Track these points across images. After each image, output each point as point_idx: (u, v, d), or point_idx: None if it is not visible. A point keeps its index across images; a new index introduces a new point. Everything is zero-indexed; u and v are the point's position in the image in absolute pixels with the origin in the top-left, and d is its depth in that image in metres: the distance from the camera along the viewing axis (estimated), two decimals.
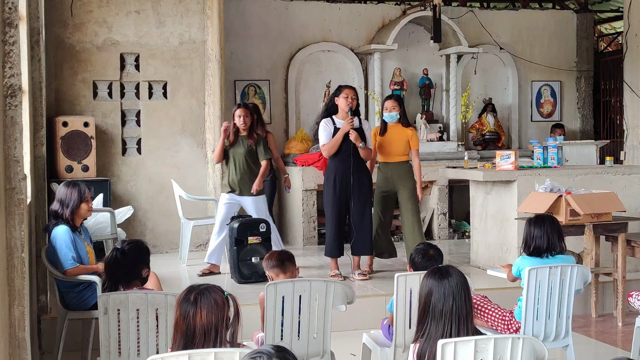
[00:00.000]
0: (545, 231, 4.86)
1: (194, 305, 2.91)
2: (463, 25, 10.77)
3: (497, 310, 4.96)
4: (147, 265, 4.36)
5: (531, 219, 4.97)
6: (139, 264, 4.31)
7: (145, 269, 4.33)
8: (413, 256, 4.64)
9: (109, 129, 8.91)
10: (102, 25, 8.86)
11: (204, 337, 2.88)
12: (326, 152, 7.17)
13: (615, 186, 7.37)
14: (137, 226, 8.92)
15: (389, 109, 7.42)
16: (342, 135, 7.04)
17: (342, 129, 7.03)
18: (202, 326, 2.89)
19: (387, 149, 7.42)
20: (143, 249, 4.40)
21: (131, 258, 4.30)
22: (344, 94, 7.13)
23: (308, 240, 9.51)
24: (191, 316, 2.90)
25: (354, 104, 7.11)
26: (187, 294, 2.97)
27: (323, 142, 7.15)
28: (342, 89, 7.21)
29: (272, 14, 10.33)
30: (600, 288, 6.86)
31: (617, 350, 5.82)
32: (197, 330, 2.89)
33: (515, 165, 7.41)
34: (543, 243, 4.85)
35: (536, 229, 4.88)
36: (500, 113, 11.28)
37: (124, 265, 4.27)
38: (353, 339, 5.56)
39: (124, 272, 4.27)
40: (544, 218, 4.95)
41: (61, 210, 5.35)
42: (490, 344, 3.07)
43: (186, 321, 2.90)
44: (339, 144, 7.07)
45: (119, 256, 4.28)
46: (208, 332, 2.89)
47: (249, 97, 10.23)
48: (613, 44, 13.55)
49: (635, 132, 10.42)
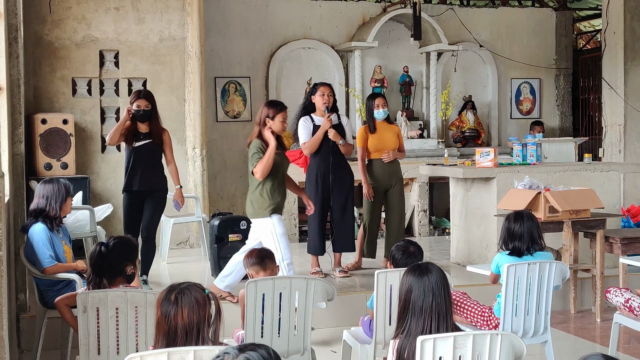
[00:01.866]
0: (525, 229, 4.88)
1: (175, 305, 2.89)
2: (443, 22, 10.81)
3: (477, 307, 4.98)
4: (132, 262, 4.31)
5: (510, 217, 4.98)
6: (123, 261, 4.26)
7: (129, 266, 4.29)
8: (393, 253, 4.66)
9: (88, 126, 8.86)
10: (81, 22, 8.81)
11: (186, 336, 2.87)
12: (307, 151, 7.16)
13: (593, 183, 7.42)
14: (116, 224, 8.87)
15: (379, 105, 7.46)
16: (322, 133, 7.04)
17: (322, 126, 7.03)
18: (183, 325, 2.88)
19: (382, 146, 7.44)
20: (128, 246, 4.35)
21: (115, 253, 4.25)
22: (320, 91, 7.11)
23: (289, 238, 9.46)
24: (172, 316, 2.88)
25: (330, 100, 7.12)
26: (168, 293, 2.96)
27: (303, 141, 7.15)
28: (318, 86, 7.19)
29: (253, 10, 10.32)
30: (578, 284, 6.91)
31: (595, 346, 5.87)
32: (179, 330, 2.88)
33: (495, 163, 7.45)
34: (523, 243, 4.87)
35: (516, 227, 4.89)
36: (480, 110, 11.33)
37: (107, 261, 4.23)
38: (334, 336, 5.58)
39: (108, 268, 4.23)
40: (523, 215, 4.96)
41: (49, 207, 5.32)
42: (469, 340, 3.09)
43: (167, 321, 2.89)
44: (319, 141, 7.07)
45: (103, 250, 4.25)
46: (190, 331, 2.88)
47: (230, 94, 10.22)
48: (592, 41, 13.65)
49: (614, 129, 10.51)
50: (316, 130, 7.07)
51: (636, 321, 5.10)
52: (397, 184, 7.55)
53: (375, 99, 7.55)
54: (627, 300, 5.15)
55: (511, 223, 4.91)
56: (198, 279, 7.02)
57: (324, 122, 7.01)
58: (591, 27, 13.80)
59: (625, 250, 6.52)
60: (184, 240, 9.15)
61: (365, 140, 7.47)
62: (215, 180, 10.03)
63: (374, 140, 7.46)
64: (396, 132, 7.59)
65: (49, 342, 5.47)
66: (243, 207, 10.18)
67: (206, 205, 9.07)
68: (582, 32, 13.95)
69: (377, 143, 7.46)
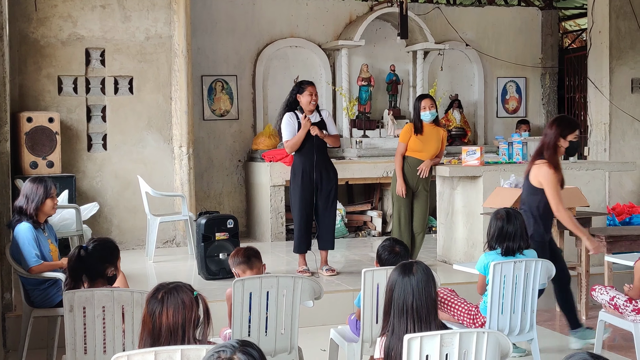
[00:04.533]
0: (518, 228, 4.88)
1: (161, 304, 2.89)
2: (429, 21, 10.83)
3: (464, 305, 5.00)
4: (112, 264, 4.26)
5: (501, 216, 4.95)
6: (104, 263, 4.22)
7: (110, 268, 4.25)
8: (380, 252, 4.67)
9: (74, 124, 8.82)
10: (66, 19, 8.77)
11: (170, 336, 2.87)
12: (289, 149, 7.15)
13: (579, 181, 7.46)
14: (102, 223, 8.85)
15: (426, 107, 7.36)
16: (304, 134, 7.02)
17: (303, 127, 7.02)
18: (168, 325, 2.87)
19: (424, 148, 7.39)
20: (109, 248, 4.31)
21: (95, 256, 4.22)
22: (308, 91, 7.09)
23: (276, 236, 9.50)
24: (157, 315, 2.88)
25: (317, 100, 7.13)
26: (156, 292, 2.95)
27: (287, 138, 7.13)
28: (306, 86, 7.16)
29: (239, 9, 10.31)
30: None
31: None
32: (164, 329, 2.87)
33: (481, 161, 7.48)
34: (515, 243, 4.87)
35: (509, 227, 4.87)
36: (467, 109, 11.37)
37: (86, 263, 4.20)
38: (321, 335, 5.58)
39: (87, 270, 4.20)
40: (514, 214, 4.96)
41: (26, 206, 5.30)
42: (456, 339, 3.10)
43: (152, 319, 2.88)
44: (301, 141, 7.06)
45: (82, 254, 4.22)
46: (174, 331, 2.87)
47: (217, 92, 10.21)
48: (577, 40, 13.71)
49: (599, 128, 10.57)
50: (300, 128, 7.07)
51: (621, 319, 5.13)
52: (425, 189, 7.45)
53: (422, 100, 7.44)
54: (612, 298, 5.19)
55: (504, 223, 4.89)
56: (184, 278, 7.00)
57: (304, 122, 7.01)
58: (577, 26, 13.87)
59: (610, 249, 6.55)
60: (170, 239, 9.13)
61: (409, 138, 7.40)
62: (202, 178, 10.02)
63: (417, 142, 7.39)
64: (441, 137, 7.49)
65: (35, 342, 5.45)
66: (229, 205, 10.24)
67: (193, 203, 9.06)
68: (567, 31, 14.02)
69: (419, 144, 7.38)
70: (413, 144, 7.39)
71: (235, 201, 10.32)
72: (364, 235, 9.94)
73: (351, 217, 10.13)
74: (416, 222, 7.48)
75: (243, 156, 10.35)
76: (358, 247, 9.08)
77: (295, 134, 7.07)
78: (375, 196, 10.43)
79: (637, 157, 10.43)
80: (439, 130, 7.52)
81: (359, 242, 9.46)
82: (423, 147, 7.39)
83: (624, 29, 10.42)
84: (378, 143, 10.26)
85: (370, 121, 10.50)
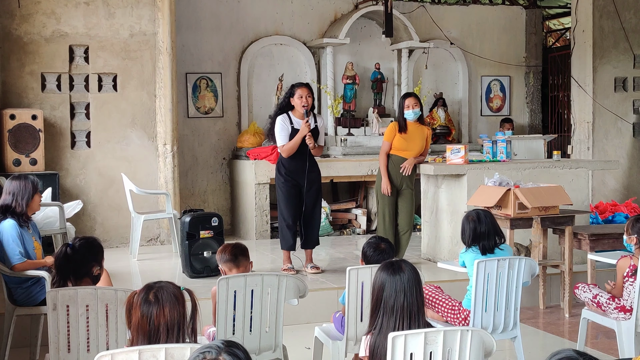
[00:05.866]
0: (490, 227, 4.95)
1: (157, 304, 2.88)
2: (414, 20, 10.85)
3: (448, 301, 5.02)
4: (98, 263, 4.26)
5: (472, 218, 5.02)
6: (90, 262, 4.21)
7: (96, 267, 4.24)
8: (365, 249, 4.67)
9: (57, 121, 8.78)
10: (50, 16, 8.71)
11: (167, 334, 2.87)
12: (286, 154, 7.09)
13: (562, 180, 7.50)
14: (86, 220, 8.81)
15: (410, 106, 7.37)
16: (301, 138, 6.99)
17: (301, 131, 6.98)
18: (165, 323, 2.87)
19: (408, 146, 7.40)
20: (95, 247, 4.30)
21: (81, 255, 4.21)
22: (299, 94, 7.06)
23: (261, 234, 9.49)
24: (155, 315, 2.86)
25: (309, 102, 7.08)
26: (146, 294, 2.93)
27: (282, 143, 7.09)
28: (296, 88, 7.12)
29: (224, 6, 10.28)
30: (547, 280, 6.99)
31: (564, 341, 5.94)
32: (161, 328, 2.87)
33: (465, 159, 7.50)
34: (490, 241, 4.93)
35: (481, 228, 4.95)
36: (451, 107, 11.40)
37: (73, 262, 4.19)
38: (306, 333, 5.58)
39: (73, 269, 4.19)
40: (483, 214, 5.01)
41: (14, 203, 5.27)
42: (440, 337, 3.11)
43: (149, 321, 2.87)
44: (298, 145, 7.04)
45: (69, 252, 4.21)
46: (171, 328, 2.88)
47: (201, 89, 10.18)
48: (561, 39, 13.78)
49: (582, 126, 10.63)
50: (294, 132, 7.05)
51: (604, 317, 5.17)
52: (409, 187, 7.47)
53: (406, 98, 7.45)
54: (595, 296, 5.22)
55: (476, 224, 4.96)
56: (169, 276, 7.00)
57: (303, 127, 6.98)
58: (561, 25, 13.94)
59: (593, 247, 6.60)
60: (154, 237, 9.10)
61: (393, 136, 7.41)
62: (187, 176, 10.00)
63: (401, 140, 7.40)
64: (425, 135, 7.50)
65: (17, 340, 5.42)
66: (214, 203, 10.22)
67: (177, 201, 9.04)
68: (551, 30, 14.09)
69: (403, 143, 7.40)
70: (397, 143, 7.40)
71: (220, 199, 10.31)
72: (348, 233, 9.95)
73: (336, 215, 10.13)
74: (402, 221, 7.50)
75: (228, 154, 10.33)
76: (343, 245, 9.08)
77: (289, 137, 7.05)
78: (359, 194, 10.44)
79: (620, 155, 10.52)
80: (424, 129, 7.53)
81: (343, 240, 9.46)
82: (407, 146, 7.40)
83: (607, 28, 10.48)
84: (363, 141, 10.27)
85: (355, 119, 10.51)
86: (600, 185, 10.50)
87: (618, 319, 5.05)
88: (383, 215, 7.48)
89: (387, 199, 7.43)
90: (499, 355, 5.48)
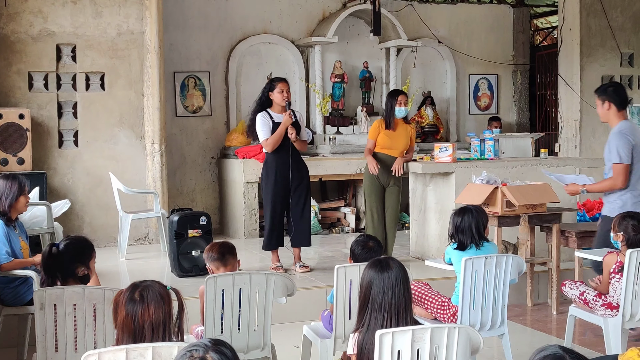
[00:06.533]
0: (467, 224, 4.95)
1: (142, 303, 2.87)
2: (402, 18, 10.86)
3: (436, 297, 5.03)
4: (83, 264, 4.21)
5: (455, 211, 5.04)
6: (74, 262, 4.18)
7: (80, 268, 4.20)
8: (353, 247, 4.68)
9: (45, 121, 8.74)
10: (37, 15, 8.68)
11: (153, 332, 2.86)
12: (269, 147, 7.10)
13: (549, 178, 7.52)
14: (74, 220, 8.79)
15: (402, 103, 7.40)
16: (284, 130, 7.00)
17: (283, 123, 6.99)
18: (150, 322, 2.86)
19: (393, 144, 7.44)
20: (80, 247, 4.25)
21: (66, 255, 4.18)
22: (279, 88, 7.07)
23: (249, 233, 9.49)
24: (140, 314, 2.86)
25: (289, 97, 7.11)
26: (132, 292, 2.92)
27: (264, 137, 7.10)
28: (276, 83, 7.13)
29: (212, 5, 10.27)
30: (535, 277, 7.01)
31: (551, 338, 5.96)
32: (146, 327, 2.86)
33: (453, 158, 7.52)
34: (467, 237, 4.93)
35: (458, 221, 4.96)
36: (439, 106, 11.42)
37: (57, 262, 4.16)
38: (294, 331, 5.58)
39: (59, 269, 4.17)
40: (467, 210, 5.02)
41: None
42: (427, 334, 3.12)
43: (134, 320, 2.87)
44: (281, 138, 7.04)
45: (54, 251, 4.19)
46: (157, 327, 2.87)
47: (189, 88, 10.17)
48: (548, 38, 13.82)
49: (570, 124, 10.68)
50: (276, 126, 7.05)
51: (591, 313, 5.20)
52: (395, 185, 7.50)
53: (398, 95, 7.47)
54: (582, 293, 5.25)
55: (457, 218, 4.97)
56: (157, 275, 6.98)
57: (285, 118, 6.99)
58: (548, 23, 13.98)
59: (580, 244, 6.63)
60: (142, 236, 9.08)
61: (377, 134, 7.45)
62: (175, 175, 9.98)
63: (386, 138, 7.43)
64: (409, 133, 7.53)
65: (5, 340, 5.41)
66: (202, 202, 10.21)
67: (165, 200, 9.02)
68: (539, 28, 14.12)
69: (388, 141, 7.43)
70: (382, 141, 7.44)
71: (208, 198, 10.29)
72: (337, 232, 9.96)
73: (324, 214, 10.14)
74: (388, 217, 7.52)
75: (216, 153, 10.32)
76: (331, 243, 9.09)
77: (271, 132, 7.05)
78: (348, 193, 10.45)
79: None
80: (408, 127, 7.57)
81: (332, 239, 9.47)
82: (392, 144, 7.43)
83: (594, 26, 10.53)
84: (351, 140, 10.28)
85: (344, 118, 10.52)
86: None
87: (605, 316, 5.08)
88: (371, 213, 7.49)
89: (374, 197, 7.46)
90: (487, 353, 5.51)
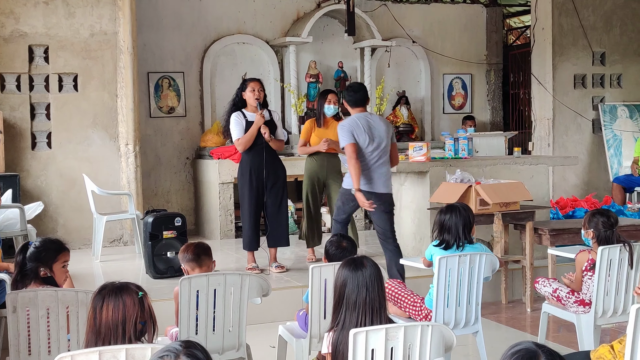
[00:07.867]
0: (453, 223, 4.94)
1: (101, 300, 2.90)
2: (376, 18, 10.90)
3: (410, 296, 5.05)
4: (45, 265, 4.16)
5: (442, 209, 5.04)
6: (35, 262, 4.14)
7: (41, 269, 4.15)
8: (327, 247, 4.70)
9: (17, 122, 8.67)
10: (8, 16, 8.60)
11: (110, 333, 2.87)
12: (242, 147, 7.11)
13: (523, 176, 7.59)
14: (48, 222, 8.72)
15: (331, 101, 7.58)
16: (256, 129, 7.02)
17: (255, 122, 7.01)
18: (107, 322, 2.87)
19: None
20: (44, 249, 4.21)
21: (31, 255, 4.16)
22: (250, 87, 7.09)
23: (225, 234, 9.47)
24: (98, 311, 2.88)
25: (261, 95, 7.11)
26: (101, 289, 2.95)
27: (237, 137, 7.10)
28: (248, 82, 7.16)
29: (186, 5, 10.24)
30: (509, 275, 7.06)
31: (525, 335, 6.01)
32: (103, 326, 2.87)
33: (428, 157, 7.55)
34: (452, 237, 4.93)
35: (446, 219, 4.96)
36: (414, 105, 11.47)
37: (23, 264, 4.16)
38: (270, 331, 5.59)
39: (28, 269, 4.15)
40: (454, 209, 5.02)
41: None
42: (401, 332, 3.13)
43: (94, 315, 2.89)
44: (253, 137, 7.05)
45: (22, 252, 4.18)
46: (114, 328, 2.87)
47: (163, 89, 10.13)
48: (521, 37, 13.92)
49: (543, 123, 10.77)
50: (249, 126, 7.05)
51: (564, 310, 5.25)
52: (335, 181, 7.60)
53: (328, 94, 7.64)
54: (555, 290, 5.29)
55: (442, 215, 4.98)
56: (132, 277, 6.95)
57: (257, 118, 7.00)
58: (521, 23, 14.09)
59: (553, 242, 6.69)
60: (117, 238, 9.03)
61: (309, 133, 7.62)
62: (149, 176, 9.94)
63: (316, 138, 7.58)
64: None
65: None
66: (178, 203, 10.18)
67: (140, 202, 8.98)
68: (512, 28, 14.23)
69: (321, 137, 7.55)
70: (313, 141, 7.62)
71: (183, 199, 10.26)
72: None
73: (300, 214, 10.13)
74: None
75: (191, 153, 10.29)
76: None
77: (245, 131, 7.05)
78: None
79: (580, 151, 10.67)
80: (336, 124, 7.69)
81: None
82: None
83: (566, 25, 10.63)
84: None
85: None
86: (561, 181, 10.64)
87: (577, 313, 5.13)
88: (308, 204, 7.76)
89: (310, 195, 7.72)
90: (462, 350, 5.54)
